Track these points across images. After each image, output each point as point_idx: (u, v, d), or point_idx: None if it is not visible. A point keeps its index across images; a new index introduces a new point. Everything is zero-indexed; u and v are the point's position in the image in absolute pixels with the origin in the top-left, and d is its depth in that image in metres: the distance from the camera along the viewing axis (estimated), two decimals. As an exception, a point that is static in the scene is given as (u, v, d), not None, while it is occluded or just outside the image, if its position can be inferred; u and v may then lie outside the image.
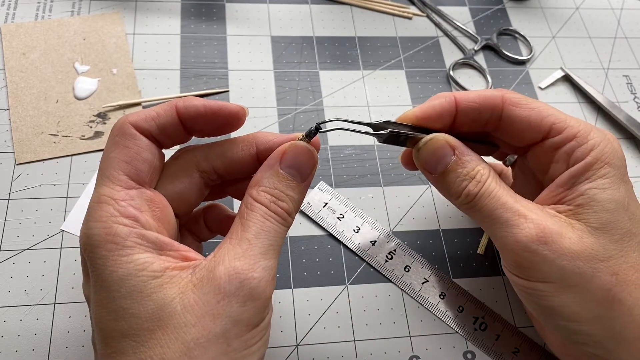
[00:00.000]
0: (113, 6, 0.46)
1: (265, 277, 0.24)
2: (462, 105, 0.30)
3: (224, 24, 0.46)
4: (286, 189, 0.26)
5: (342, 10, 0.49)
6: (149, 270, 0.23)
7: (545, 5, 0.53)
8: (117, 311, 0.22)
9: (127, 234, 0.23)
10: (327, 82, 0.44)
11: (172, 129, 0.26)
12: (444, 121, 0.30)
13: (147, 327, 0.22)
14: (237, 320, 0.23)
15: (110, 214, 0.23)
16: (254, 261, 0.24)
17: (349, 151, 0.41)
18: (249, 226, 0.25)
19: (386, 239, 0.37)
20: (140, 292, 0.22)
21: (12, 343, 0.31)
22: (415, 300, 0.36)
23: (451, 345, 0.34)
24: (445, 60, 0.47)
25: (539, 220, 0.27)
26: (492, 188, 0.28)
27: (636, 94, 0.48)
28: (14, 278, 0.33)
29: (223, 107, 0.26)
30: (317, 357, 0.33)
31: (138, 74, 0.42)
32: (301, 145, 0.27)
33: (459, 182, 0.29)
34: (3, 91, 0.40)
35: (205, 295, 0.23)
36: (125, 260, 0.23)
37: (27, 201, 0.36)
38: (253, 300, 0.23)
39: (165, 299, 0.22)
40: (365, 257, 0.37)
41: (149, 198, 0.25)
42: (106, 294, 0.23)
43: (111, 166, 0.24)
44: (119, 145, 0.25)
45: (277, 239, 0.25)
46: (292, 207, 0.26)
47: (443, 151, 0.29)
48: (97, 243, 0.23)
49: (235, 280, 0.23)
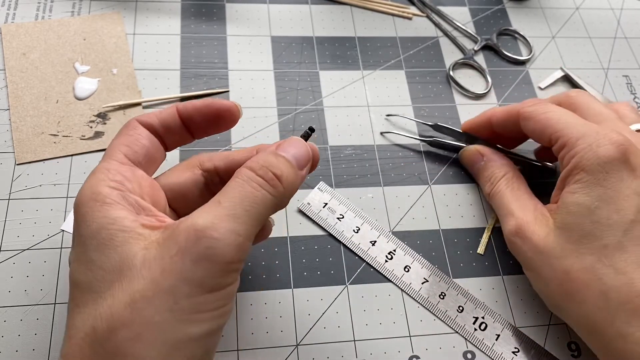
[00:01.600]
0: (113, 6, 0.46)
1: (228, 240, 0.22)
2: (493, 120, 0.38)
3: (224, 24, 0.46)
4: (283, 164, 0.26)
5: (342, 10, 0.49)
6: (119, 224, 0.23)
7: (545, 6, 0.53)
8: (87, 263, 0.23)
9: (109, 193, 0.24)
10: (327, 82, 0.44)
11: (173, 125, 0.28)
12: (486, 130, 0.40)
13: (108, 279, 0.23)
14: (187, 279, 0.22)
15: (100, 179, 0.25)
16: (218, 221, 0.23)
17: (349, 151, 0.41)
18: (226, 191, 0.24)
19: (386, 239, 0.37)
20: (107, 245, 0.23)
21: (12, 343, 0.31)
22: (415, 301, 0.36)
23: (451, 345, 0.34)
24: (445, 61, 0.47)
25: (520, 218, 0.33)
26: (499, 189, 0.36)
27: (636, 94, 0.48)
28: (14, 278, 0.33)
29: (217, 101, 0.28)
30: (317, 357, 0.33)
31: (138, 74, 0.42)
32: (296, 137, 0.27)
33: (484, 183, 0.38)
34: (3, 91, 0.40)
35: (164, 250, 0.22)
36: (101, 215, 0.24)
37: (28, 201, 0.36)
38: (208, 260, 0.22)
39: (129, 253, 0.23)
40: (365, 257, 0.37)
41: (140, 176, 0.26)
42: (82, 248, 0.24)
43: (112, 147, 0.27)
44: (122, 133, 0.27)
45: (257, 205, 0.24)
46: (285, 176, 0.25)
47: (474, 157, 0.39)
48: (83, 202, 0.24)
49: (193, 236, 0.22)
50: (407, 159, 0.42)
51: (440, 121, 0.42)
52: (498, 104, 0.45)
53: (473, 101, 0.45)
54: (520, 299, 0.36)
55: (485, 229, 0.39)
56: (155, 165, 0.28)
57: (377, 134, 0.42)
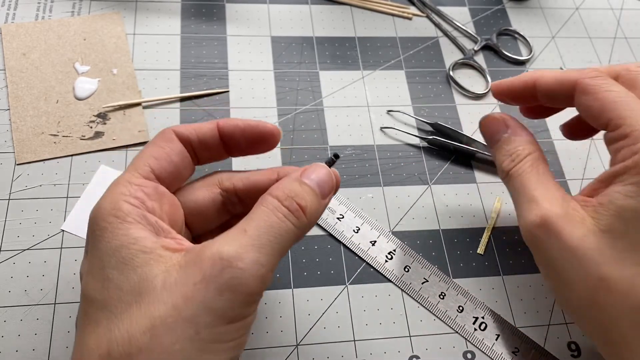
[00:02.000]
0: (113, 6, 0.46)
1: (253, 271, 0.22)
2: (540, 85, 0.32)
3: (224, 24, 0.46)
4: (307, 193, 0.25)
5: (342, 10, 0.49)
6: (141, 245, 0.23)
7: (545, 6, 0.53)
8: (104, 281, 0.23)
9: (130, 211, 0.24)
10: (327, 82, 0.44)
11: (212, 142, 0.27)
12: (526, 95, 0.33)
13: (126, 300, 0.22)
14: (210, 308, 0.22)
15: (121, 192, 0.24)
16: (243, 250, 0.22)
17: (349, 151, 0.41)
18: (252, 218, 0.24)
19: (386, 238, 0.37)
20: (127, 265, 0.23)
21: (12, 343, 0.31)
22: (415, 300, 0.36)
23: (451, 345, 0.34)
24: (445, 61, 0.47)
25: (547, 209, 0.28)
26: (522, 170, 0.31)
27: (636, 94, 0.48)
28: (14, 278, 0.33)
29: (260, 124, 0.28)
30: (317, 357, 0.33)
31: (138, 74, 0.42)
32: (321, 164, 0.27)
33: (503, 158, 0.32)
34: (3, 91, 0.40)
35: (187, 276, 0.22)
36: (122, 233, 0.23)
37: (28, 201, 0.36)
38: (232, 291, 0.22)
39: (149, 275, 0.22)
40: (365, 258, 0.37)
41: (162, 193, 0.26)
42: (98, 263, 0.23)
43: (140, 158, 0.26)
44: (155, 144, 0.27)
45: (281, 237, 0.24)
46: (309, 208, 0.25)
47: (498, 125, 0.33)
48: (102, 215, 0.24)
49: (218, 265, 0.22)
50: (407, 159, 0.42)
51: (440, 121, 0.42)
52: (498, 104, 0.45)
53: (473, 101, 0.45)
54: (520, 299, 0.36)
55: (485, 229, 0.39)
56: (180, 182, 0.28)
57: (377, 134, 0.42)
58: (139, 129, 0.40)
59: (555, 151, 0.44)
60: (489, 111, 0.45)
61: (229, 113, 0.42)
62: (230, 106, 0.42)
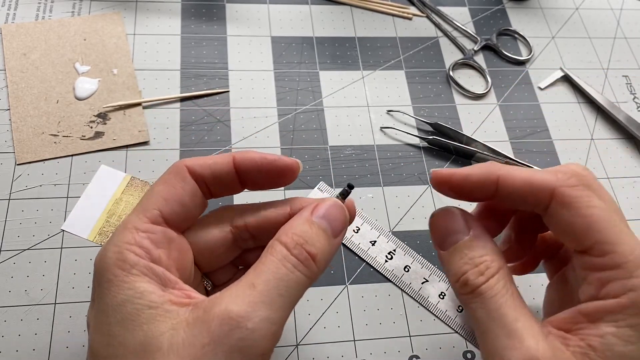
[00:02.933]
0: (113, 6, 0.46)
1: (262, 330, 0.21)
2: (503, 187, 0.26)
3: (224, 24, 0.46)
4: (317, 237, 0.24)
5: (342, 10, 0.49)
6: (147, 300, 0.22)
7: (545, 6, 0.53)
8: (109, 337, 0.22)
9: (136, 262, 0.23)
10: (327, 83, 0.45)
11: (227, 178, 0.26)
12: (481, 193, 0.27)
13: (131, 359, 0.21)
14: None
15: (127, 241, 0.23)
16: (252, 309, 0.21)
17: (349, 151, 0.41)
18: (261, 270, 0.23)
19: (386, 238, 0.37)
20: (133, 321, 0.22)
21: (12, 343, 0.31)
22: (415, 300, 0.36)
23: (451, 345, 0.34)
24: (445, 61, 0.47)
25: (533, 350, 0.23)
26: (496, 290, 0.25)
27: (636, 94, 0.48)
28: (14, 278, 0.33)
29: (279, 159, 0.26)
30: (317, 357, 0.33)
31: (138, 74, 0.42)
32: (333, 199, 0.26)
33: (464, 267, 0.26)
34: (3, 91, 0.40)
35: (195, 336, 0.21)
36: (127, 286, 0.22)
37: (28, 201, 0.36)
38: (241, 352, 0.21)
39: (155, 332, 0.21)
40: (365, 258, 0.37)
41: (170, 238, 0.25)
42: (104, 318, 0.22)
43: (150, 199, 0.25)
44: (167, 182, 0.25)
45: (290, 289, 0.22)
46: (320, 255, 0.24)
47: (455, 224, 0.27)
48: (107, 266, 0.23)
49: (226, 325, 0.21)
50: (407, 159, 0.42)
51: (440, 121, 0.42)
52: (498, 104, 0.45)
53: (473, 101, 0.45)
54: (520, 299, 0.36)
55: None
56: (191, 222, 0.26)
57: (377, 134, 0.42)
58: (139, 129, 0.40)
59: (555, 151, 0.44)
60: (490, 111, 0.45)
61: (229, 113, 0.42)
62: (230, 106, 0.42)
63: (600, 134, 0.45)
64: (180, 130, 0.40)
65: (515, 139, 0.44)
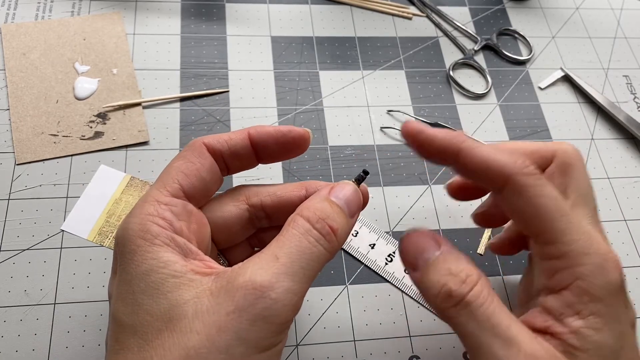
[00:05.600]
0: (113, 6, 0.46)
1: (285, 300, 0.22)
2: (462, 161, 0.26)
3: (224, 24, 0.46)
4: (337, 214, 0.25)
5: (342, 10, 0.49)
6: (170, 269, 0.23)
7: (545, 6, 0.53)
8: (134, 306, 0.22)
9: (158, 233, 0.23)
10: (327, 82, 0.44)
11: (243, 151, 0.27)
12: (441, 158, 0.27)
13: (156, 326, 0.22)
14: (243, 339, 0.21)
15: (149, 213, 0.24)
16: (276, 279, 0.22)
17: (349, 151, 0.41)
18: (283, 243, 0.23)
19: (385, 241, 0.37)
20: (157, 289, 0.22)
21: (12, 343, 0.31)
22: (416, 301, 0.36)
23: (451, 345, 0.34)
24: (445, 61, 0.47)
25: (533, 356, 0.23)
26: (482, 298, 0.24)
27: (636, 94, 0.48)
28: (14, 278, 0.33)
29: (292, 130, 0.27)
30: (317, 357, 0.33)
31: (138, 74, 0.42)
32: (348, 182, 0.27)
33: (443, 279, 0.24)
34: (3, 91, 0.40)
35: (219, 304, 0.22)
36: (151, 256, 0.23)
37: (27, 201, 0.36)
38: (265, 321, 0.22)
39: (179, 300, 0.22)
40: (365, 261, 0.36)
41: (190, 211, 0.25)
42: (127, 288, 0.23)
43: (169, 173, 0.26)
44: (185, 158, 0.26)
45: (312, 262, 0.23)
46: (340, 230, 0.24)
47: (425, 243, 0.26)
48: (130, 237, 0.23)
49: (251, 295, 0.21)
50: (407, 159, 0.42)
51: (440, 121, 0.42)
52: (498, 104, 0.45)
53: (473, 101, 0.45)
54: (520, 299, 0.36)
55: (485, 229, 0.39)
56: (209, 197, 0.27)
57: (377, 134, 0.42)
58: (139, 129, 0.40)
59: (555, 151, 0.44)
60: (490, 111, 0.45)
61: (229, 113, 0.42)
62: (230, 106, 0.42)
63: (601, 134, 0.45)
64: (180, 130, 0.40)
65: (516, 138, 0.44)
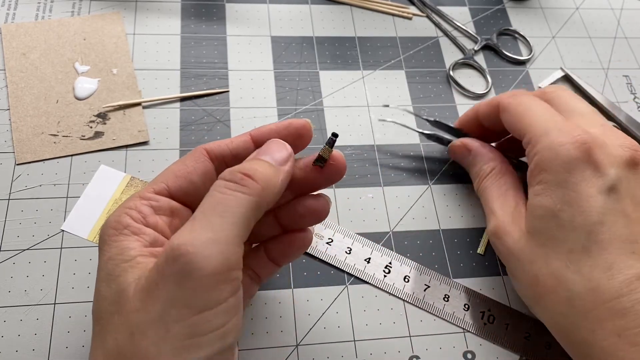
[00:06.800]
0: (113, 6, 0.46)
1: (206, 250, 0.21)
2: (479, 113, 0.38)
3: (224, 24, 0.46)
4: (254, 164, 0.24)
5: (342, 10, 0.49)
6: (125, 255, 0.23)
7: (545, 5, 0.53)
8: (97, 293, 0.24)
9: (128, 224, 0.24)
10: (327, 82, 0.44)
11: (246, 153, 0.27)
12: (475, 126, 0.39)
13: (109, 311, 0.23)
14: (172, 302, 0.21)
15: (128, 207, 0.25)
16: (193, 235, 0.21)
17: (348, 151, 0.41)
18: (199, 206, 0.23)
19: (379, 253, 0.37)
20: (111, 275, 0.23)
21: (12, 343, 0.31)
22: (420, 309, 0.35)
23: (451, 345, 0.34)
24: (445, 61, 0.47)
25: (500, 219, 0.33)
26: (484, 186, 0.35)
27: (636, 94, 0.48)
28: (14, 278, 0.33)
29: (292, 122, 0.28)
30: (317, 357, 0.33)
31: (138, 74, 0.42)
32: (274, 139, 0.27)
33: (473, 179, 0.37)
34: (3, 91, 0.40)
35: (151, 278, 0.22)
36: (115, 245, 0.24)
37: (27, 201, 0.36)
38: (189, 277, 0.21)
39: (124, 283, 0.23)
40: (364, 277, 0.36)
41: (175, 209, 0.26)
42: (97, 276, 0.24)
43: (162, 174, 0.27)
44: (182, 161, 0.27)
45: (231, 208, 0.22)
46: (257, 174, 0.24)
47: (461, 152, 0.38)
48: (105, 228, 0.25)
49: (170, 256, 0.21)
50: (407, 159, 0.42)
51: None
52: (498, 104, 0.45)
53: (473, 101, 0.45)
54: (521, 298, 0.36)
55: (485, 229, 0.39)
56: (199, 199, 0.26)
57: (377, 134, 0.42)
58: (139, 129, 0.40)
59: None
60: (489, 111, 0.45)
61: (229, 113, 0.42)
62: (230, 106, 0.42)
63: (601, 134, 0.45)
64: (180, 130, 0.40)
65: (516, 138, 0.44)
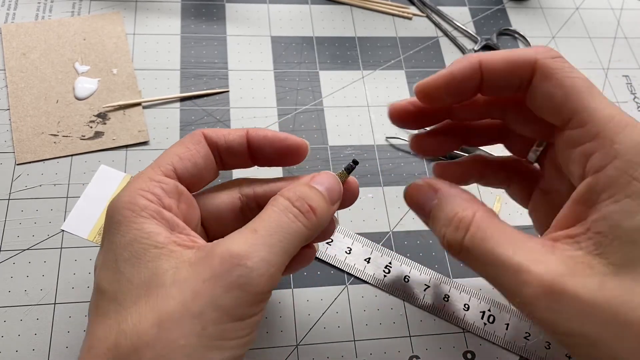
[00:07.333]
0: (113, 6, 0.46)
1: (261, 269, 0.22)
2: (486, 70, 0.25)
3: (224, 24, 0.46)
4: (317, 196, 0.25)
5: (342, 10, 0.49)
6: (153, 240, 0.23)
7: (545, 5, 0.53)
8: (116, 274, 0.23)
9: (146, 206, 0.24)
10: (327, 82, 0.44)
11: (238, 149, 0.28)
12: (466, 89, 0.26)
13: (135, 294, 0.22)
14: (217, 305, 0.22)
15: (140, 188, 0.25)
16: (252, 250, 0.22)
17: (348, 151, 0.41)
18: (263, 218, 0.24)
19: (379, 252, 0.37)
20: (139, 259, 0.23)
21: (12, 343, 0.31)
22: (419, 308, 0.35)
23: (451, 345, 0.34)
24: (445, 61, 0.47)
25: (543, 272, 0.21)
26: (478, 235, 0.23)
27: (636, 94, 0.48)
28: (14, 278, 0.33)
29: (289, 138, 0.28)
30: (317, 357, 0.33)
31: (138, 74, 0.42)
32: (330, 172, 0.28)
33: (442, 230, 0.25)
34: (3, 91, 0.40)
35: (196, 272, 0.22)
36: (135, 227, 0.23)
37: (28, 201, 0.36)
38: (240, 289, 0.22)
39: (159, 270, 0.23)
40: (364, 277, 0.36)
41: (181, 192, 0.26)
42: (111, 256, 0.24)
43: (165, 155, 0.26)
44: (182, 144, 0.27)
45: (290, 236, 0.24)
46: (319, 210, 0.25)
47: (423, 194, 0.27)
48: (118, 209, 0.24)
49: (227, 263, 0.22)
50: (407, 159, 0.42)
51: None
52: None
53: (473, 101, 0.45)
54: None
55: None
56: (202, 184, 0.28)
57: (377, 134, 0.42)
58: (139, 129, 0.40)
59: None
60: (489, 111, 0.45)
61: (228, 113, 0.42)
62: (230, 106, 0.42)
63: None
64: (180, 130, 0.40)
65: (516, 138, 0.44)
